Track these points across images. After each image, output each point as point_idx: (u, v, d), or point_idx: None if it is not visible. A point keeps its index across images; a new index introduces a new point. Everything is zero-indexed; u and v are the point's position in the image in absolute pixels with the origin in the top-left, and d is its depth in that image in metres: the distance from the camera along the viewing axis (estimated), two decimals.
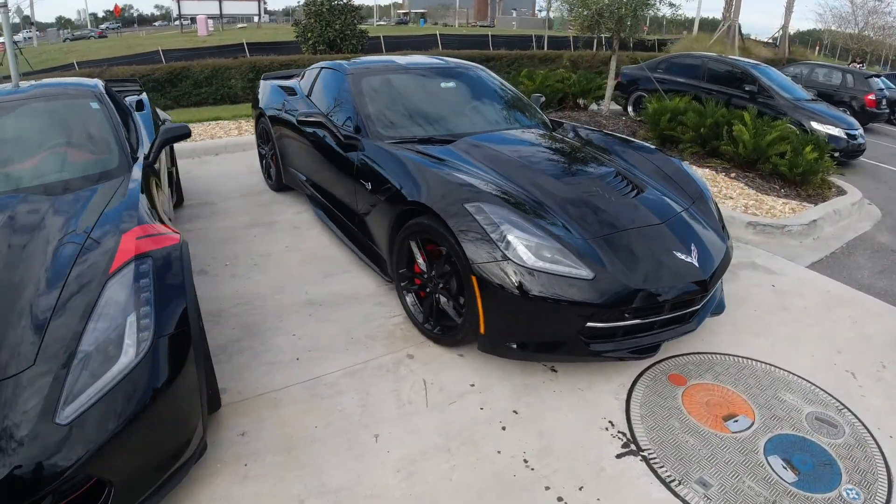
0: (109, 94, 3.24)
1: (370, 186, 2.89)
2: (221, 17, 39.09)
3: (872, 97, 9.90)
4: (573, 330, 2.15)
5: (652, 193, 2.71)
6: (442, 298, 2.48)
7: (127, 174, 2.53)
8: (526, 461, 1.93)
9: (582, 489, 1.82)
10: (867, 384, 2.50)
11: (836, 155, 6.51)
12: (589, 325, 2.14)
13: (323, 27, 11.97)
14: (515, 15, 54.21)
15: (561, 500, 1.78)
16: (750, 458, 2.01)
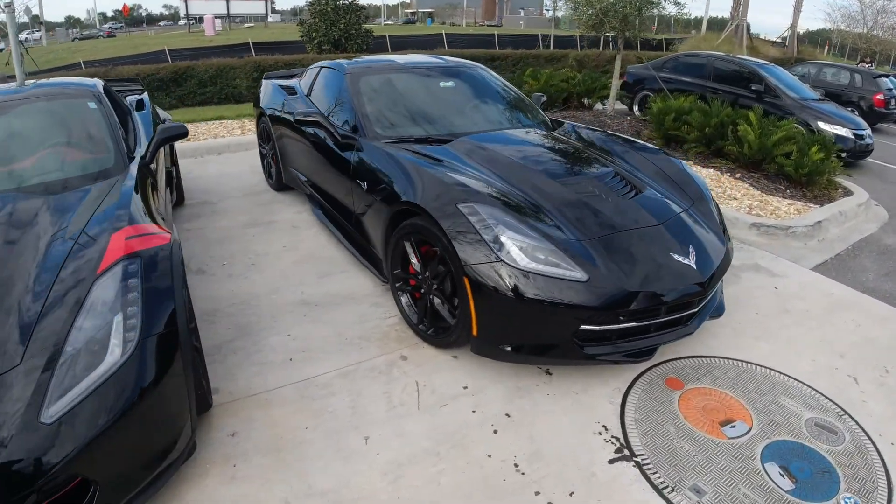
0: (108, 93, 3.25)
1: (366, 186, 2.87)
2: (229, 16, 39.34)
3: (881, 97, 9.77)
4: (567, 333, 2.12)
5: (650, 194, 2.67)
6: (436, 300, 2.46)
7: (123, 173, 2.54)
8: (516, 465, 1.90)
9: (572, 495, 1.79)
10: (869, 389, 2.45)
11: (843, 155, 6.42)
12: (583, 327, 2.11)
13: (328, 27, 11.99)
14: (523, 14, 54.09)
15: None
16: (746, 464, 1.97)
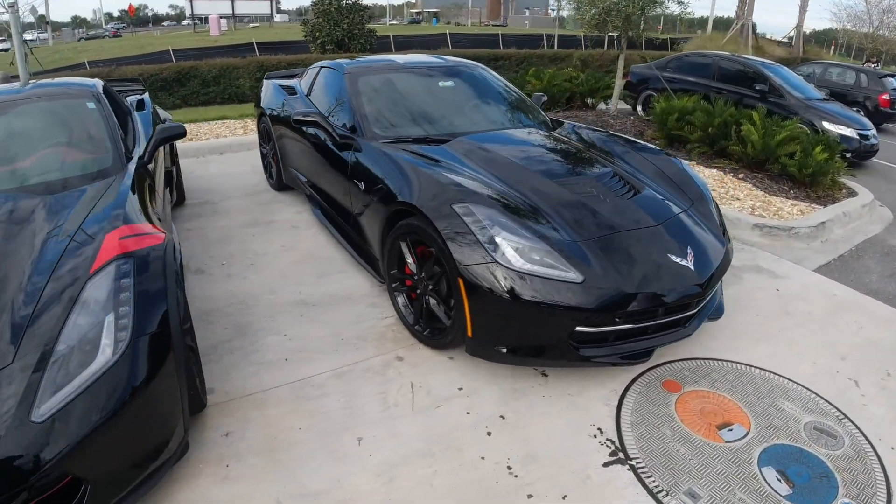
0: (108, 94, 3.25)
1: (363, 186, 2.87)
2: (234, 16, 39.51)
3: (886, 97, 9.67)
4: (562, 334, 2.10)
5: (649, 195, 2.65)
6: (431, 301, 2.45)
7: (120, 173, 2.54)
8: (509, 468, 1.89)
9: (565, 498, 1.77)
10: (870, 393, 2.42)
11: (847, 156, 6.36)
12: (578, 329, 2.09)
13: (331, 26, 12.00)
14: (528, 14, 54.01)
15: None
16: (743, 468, 1.94)
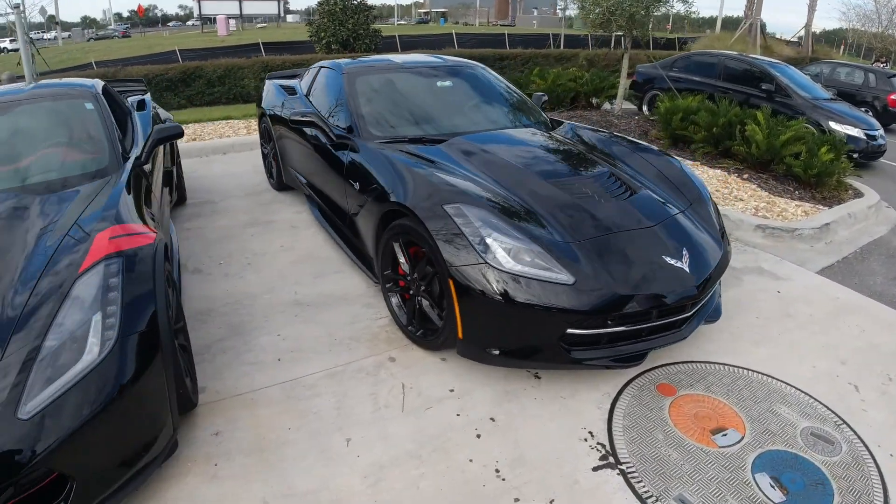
0: (107, 94, 3.28)
1: (358, 186, 2.86)
2: (241, 17, 39.76)
3: (895, 97, 9.52)
4: (553, 336, 2.08)
5: (645, 195, 2.62)
6: (424, 301, 2.44)
7: (116, 173, 2.56)
8: (497, 471, 1.87)
9: (552, 502, 1.75)
10: (870, 398, 2.37)
11: (854, 156, 6.27)
12: (569, 331, 2.07)
13: (336, 26, 12.03)
14: (536, 14, 53.83)
15: None
16: (736, 474, 1.91)
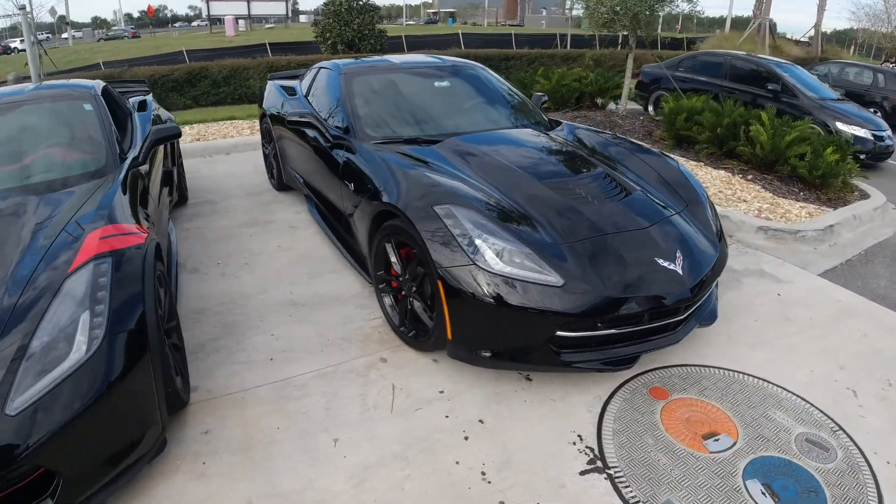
0: (108, 95, 3.31)
1: (352, 187, 2.87)
2: (250, 17, 40.06)
3: None
4: (542, 338, 2.07)
5: (640, 197, 2.60)
6: (415, 302, 2.43)
7: (113, 174, 2.58)
8: (483, 473, 1.86)
9: None
10: (869, 403, 2.33)
11: (861, 157, 6.18)
12: (559, 333, 2.06)
13: (341, 27, 12.06)
14: (545, 14, 53.63)
15: None
16: (726, 481, 1.89)
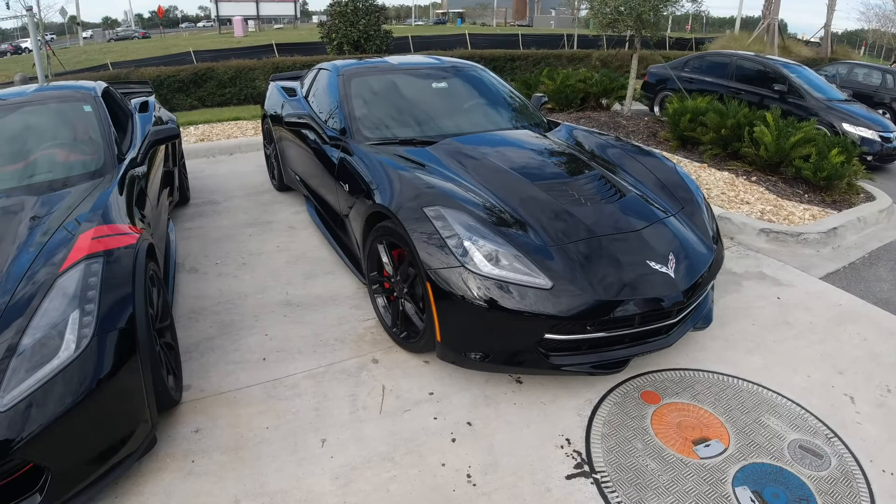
0: (108, 96, 3.34)
1: (347, 188, 2.87)
2: (258, 18, 40.37)
3: None
4: (531, 341, 2.06)
5: (634, 198, 2.58)
6: (407, 304, 2.43)
7: (111, 174, 2.61)
8: (469, 476, 1.86)
9: None
10: (866, 410, 2.29)
11: (868, 159, 6.09)
12: (547, 336, 2.05)
13: (347, 27, 12.10)
14: (554, 14, 53.43)
15: None
16: (715, 487, 1.87)
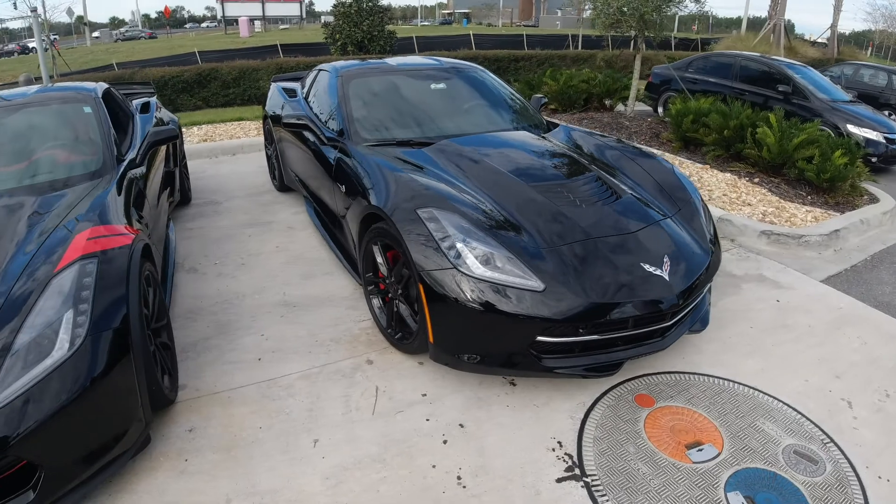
0: (109, 97, 3.37)
1: (344, 189, 2.88)
2: (264, 18, 40.55)
3: None
4: (523, 344, 2.06)
5: (630, 200, 2.57)
6: (401, 305, 2.44)
7: (109, 175, 2.63)
8: (459, 478, 1.86)
9: None
10: (863, 415, 2.27)
11: (872, 160, 6.03)
12: (540, 338, 2.04)
13: (351, 28, 12.13)
14: (560, 14, 53.31)
15: None
16: (707, 492, 1.85)
